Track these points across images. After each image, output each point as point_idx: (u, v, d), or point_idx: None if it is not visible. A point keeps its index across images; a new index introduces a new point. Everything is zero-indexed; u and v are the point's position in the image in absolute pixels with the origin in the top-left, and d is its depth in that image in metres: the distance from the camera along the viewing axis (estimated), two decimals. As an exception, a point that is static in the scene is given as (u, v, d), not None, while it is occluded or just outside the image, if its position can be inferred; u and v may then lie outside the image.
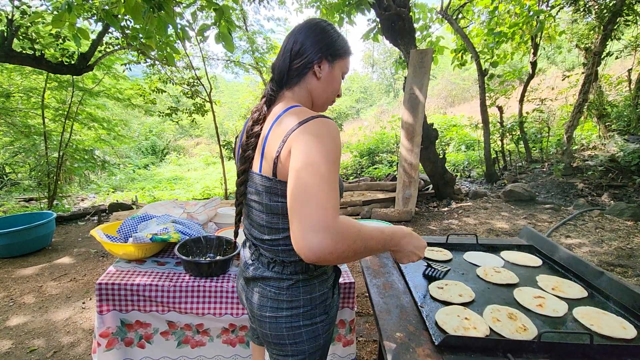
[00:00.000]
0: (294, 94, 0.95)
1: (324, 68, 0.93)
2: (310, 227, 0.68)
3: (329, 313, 0.97)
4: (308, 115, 0.82)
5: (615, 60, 8.22)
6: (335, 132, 0.80)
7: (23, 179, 7.43)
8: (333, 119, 0.88)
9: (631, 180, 5.40)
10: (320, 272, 0.96)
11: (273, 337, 0.94)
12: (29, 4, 4.04)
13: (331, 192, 0.72)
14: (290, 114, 0.85)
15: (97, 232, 1.65)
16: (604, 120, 7.35)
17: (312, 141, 0.76)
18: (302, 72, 0.93)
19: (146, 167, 15.20)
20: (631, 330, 0.91)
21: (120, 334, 1.47)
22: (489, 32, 6.34)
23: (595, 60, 6.21)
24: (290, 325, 0.91)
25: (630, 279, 2.91)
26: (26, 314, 2.55)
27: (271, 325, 0.92)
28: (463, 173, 8.03)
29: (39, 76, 6.03)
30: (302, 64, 0.92)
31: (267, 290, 0.93)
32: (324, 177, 0.72)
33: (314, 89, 0.95)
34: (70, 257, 3.63)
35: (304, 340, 0.92)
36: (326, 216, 0.69)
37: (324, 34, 0.92)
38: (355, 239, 0.72)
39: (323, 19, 0.97)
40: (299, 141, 0.78)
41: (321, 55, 0.92)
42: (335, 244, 0.68)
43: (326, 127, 0.79)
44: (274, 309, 0.92)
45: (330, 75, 0.95)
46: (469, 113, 10.99)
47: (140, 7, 2.94)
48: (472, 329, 0.91)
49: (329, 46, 0.92)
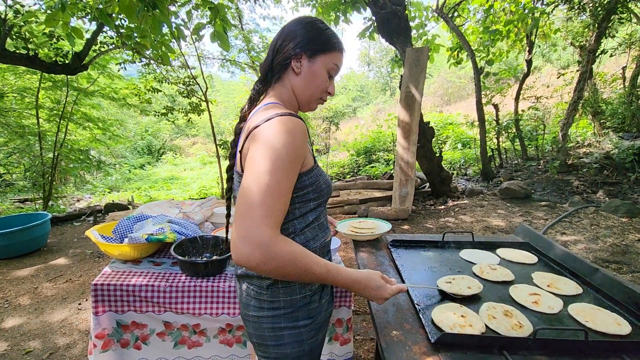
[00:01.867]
0: (275, 91, 0.95)
1: (304, 63, 0.91)
2: (243, 238, 0.71)
3: (315, 319, 0.94)
4: (272, 113, 0.81)
5: (609, 58, 8.27)
6: (293, 134, 0.78)
7: (18, 179, 7.37)
8: (303, 118, 0.87)
9: (626, 177, 5.44)
10: None
11: (256, 337, 0.93)
12: (22, 3, 4.00)
13: (273, 204, 0.73)
14: (260, 112, 0.87)
15: (92, 232, 1.64)
16: (598, 118, 7.40)
17: (264, 145, 0.76)
18: (282, 68, 0.93)
19: (142, 167, 15.14)
20: (626, 327, 0.92)
21: (116, 335, 1.46)
22: (484, 30, 6.35)
23: (590, 58, 6.25)
24: (272, 326, 0.90)
25: (625, 275, 2.93)
26: (22, 316, 2.53)
27: (254, 324, 0.92)
28: (459, 171, 8.06)
29: (33, 76, 5.99)
30: (281, 60, 0.92)
31: (251, 288, 0.92)
32: (268, 187, 0.73)
33: (294, 86, 0.94)
34: (65, 258, 3.61)
35: (286, 343, 0.90)
36: (261, 232, 0.71)
37: (304, 30, 0.91)
38: (286, 265, 0.74)
39: (312, 16, 0.96)
40: (253, 143, 0.79)
41: (299, 51, 0.90)
42: (263, 260, 0.71)
43: (284, 128, 0.78)
44: (256, 309, 0.91)
45: (311, 71, 0.92)
46: (465, 111, 11.03)
47: (135, 6, 2.92)
48: (468, 327, 0.91)
49: (308, 41, 0.90)
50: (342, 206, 5.18)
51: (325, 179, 0.95)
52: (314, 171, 0.89)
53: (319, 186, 0.90)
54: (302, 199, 0.88)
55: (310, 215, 0.92)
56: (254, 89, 0.97)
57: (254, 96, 0.96)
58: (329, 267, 0.82)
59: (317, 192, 0.91)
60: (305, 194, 0.88)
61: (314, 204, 0.92)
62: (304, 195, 0.88)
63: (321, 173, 0.94)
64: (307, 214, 0.91)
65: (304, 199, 0.89)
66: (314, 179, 0.89)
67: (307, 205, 0.90)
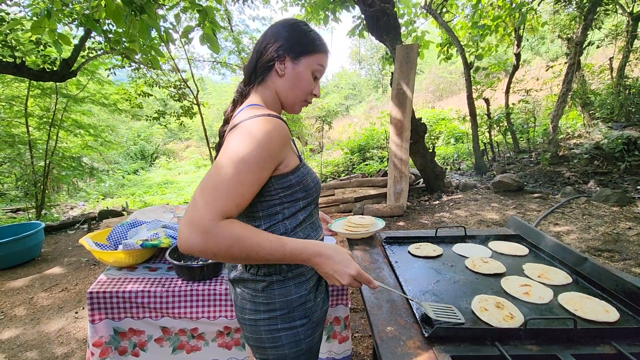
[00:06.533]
0: (259, 93, 0.95)
1: (287, 66, 0.91)
2: (187, 222, 0.72)
3: (311, 317, 0.95)
4: (251, 114, 0.82)
5: (597, 50, 8.38)
6: (269, 134, 0.79)
7: (9, 189, 7.28)
8: (285, 120, 0.87)
9: (616, 166, 5.52)
10: (297, 274, 0.93)
11: (253, 340, 0.93)
12: (7, 10, 3.95)
13: (224, 193, 0.73)
14: (242, 113, 0.87)
15: (86, 240, 1.63)
16: (588, 109, 7.49)
17: (237, 140, 0.78)
18: (265, 70, 0.93)
19: (136, 173, 15.02)
20: (614, 313, 0.94)
21: (114, 342, 1.46)
22: (473, 25, 6.40)
23: (577, 50, 6.32)
24: (269, 328, 0.91)
25: (616, 263, 2.98)
26: (18, 327, 2.51)
27: (251, 328, 0.92)
28: (453, 166, 8.12)
29: (21, 84, 5.92)
30: (265, 62, 0.92)
31: (246, 292, 0.93)
32: (228, 178, 0.74)
33: (278, 88, 0.94)
34: (60, 267, 3.58)
35: (284, 344, 0.91)
36: (203, 216, 0.71)
37: (288, 32, 0.91)
38: (230, 245, 0.73)
39: (295, 18, 0.97)
40: (229, 138, 0.81)
41: (283, 53, 0.90)
42: (204, 243, 0.71)
43: (262, 128, 0.79)
44: (252, 312, 0.92)
45: (295, 73, 0.92)
46: (457, 106, 11.10)
47: (122, 10, 2.90)
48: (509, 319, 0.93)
49: (292, 43, 0.90)
50: (337, 205, 5.20)
51: (313, 177, 0.95)
52: (300, 170, 0.90)
53: (306, 185, 0.91)
54: (290, 198, 0.89)
55: (300, 214, 0.93)
56: (237, 91, 0.98)
57: (237, 98, 0.97)
58: (284, 241, 0.80)
59: (305, 190, 0.91)
60: (293, 193, 0.89)
61: (303, 203, 0.92)
62: (291, 195, 0.89)
63: (308, 172, 0.94)
64: (297, 214, 0.92)
65: (292, 198, 0.90)
66: (301, 177, 0.90)
67: (296, 204, 0.91)
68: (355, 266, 0.84)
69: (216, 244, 0.72)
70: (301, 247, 0.81)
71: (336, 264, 0.82)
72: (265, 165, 0.79)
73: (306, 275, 0.95)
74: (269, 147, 0.78)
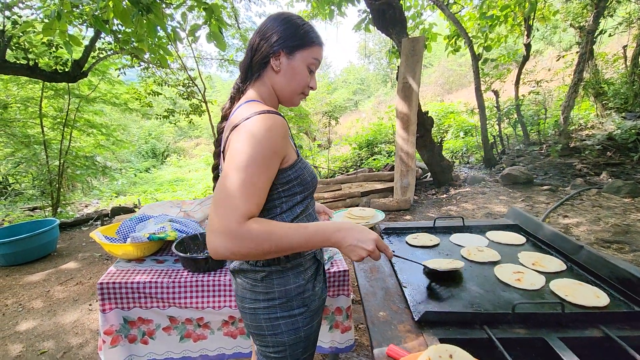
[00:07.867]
0: (255, 89, 0.96)
1: (282, 61, 0.92)
2: (214, 231, 0.75)
3: (309, 306, 0.97)
4: (252, 111, 0.84)
5: (611, 38, 8.14)
6: (272, 132, 0.81)
7: (26, 188, 7.51)
8: (284, 115, 0.89)
9: (628, 157, 5.40)
10: (295, 264, 0.95)
11: (254, 328, 0.97)
12: (19, 13, 4.07)
13: (243, 197, 0.76)
14: (240, 110, 0.89)
15: (96, 234, 1.70)
16: (600, 99, 7.31)
17: (241, 144, 0.80)
18: (260, 67, 0.94)
19: (147, 171, 15.30)
20: (604, 299, 0.95)
21: (124, 330, 1.52)
22: (481, 16, 6.30)
23: (589, 39, 6.17)
24: (268, 316, 0.94)
25: (626, 254, 2.94)
26: (35, 318, 2.62)
27: (251, 316, 0.96)
28: (462, 159, 8.04)
29: (35, 85, 6.09)
30: (260, 59, 0.93)
31: (246, 282, 0.96)
32: (241, 182, 0.77)
33: (275, 83, 0.95)
34: (75, 262, 3.70)
35: (282, 331, 0.94)
36: (230, 222, 0.74)
37: (281, 27, 0.91)
38: (260, 242, 0.76)
39: (288, 12, 0.98)
40: (232, 140, 0.82)
41: (278, 48, 0.90)
42: (236, 247, 0.75)
43: (263, 126, 0.80)
44: (252, 301, 0.95)
45: (290, 68, 0.92)
46: (467, 99, 10.96)
47: (129, 11, 2.97)
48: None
49: (286, 38, 0.90)
50: (344, 199, 5.22)
51: (309, 171, 0.97)
52: (298, 164, 0.92)
53: (303, 179, 0.93)
54: (288, 192, 0.92)
55: (297, 207, 0.95)
56: (234, 88, 1.00)
57: (234, 94, 0.99)
58: (303, 226, 0.82)
59: (303, 184, 0.94)
60: (291, 188, 0.92)
61: (300, 197, 0.95)
62: (289, 189, 0.91)
63: (305, 166, 0.96)
64: (295, 207, 0.94)
65: (290, 192, 0.92)
66: (299, 172, 0.92)
67: (294, 198, 0.93)
68: (374, 233, 0.87)
69: (247, 245, 0.75)
70: (322, 227, 0.83)
71: (358, 233, 0.84)
72: (272, 162, 0.82)
73: (304, 266, 0.98)
74: (272, 144, 0.80)
